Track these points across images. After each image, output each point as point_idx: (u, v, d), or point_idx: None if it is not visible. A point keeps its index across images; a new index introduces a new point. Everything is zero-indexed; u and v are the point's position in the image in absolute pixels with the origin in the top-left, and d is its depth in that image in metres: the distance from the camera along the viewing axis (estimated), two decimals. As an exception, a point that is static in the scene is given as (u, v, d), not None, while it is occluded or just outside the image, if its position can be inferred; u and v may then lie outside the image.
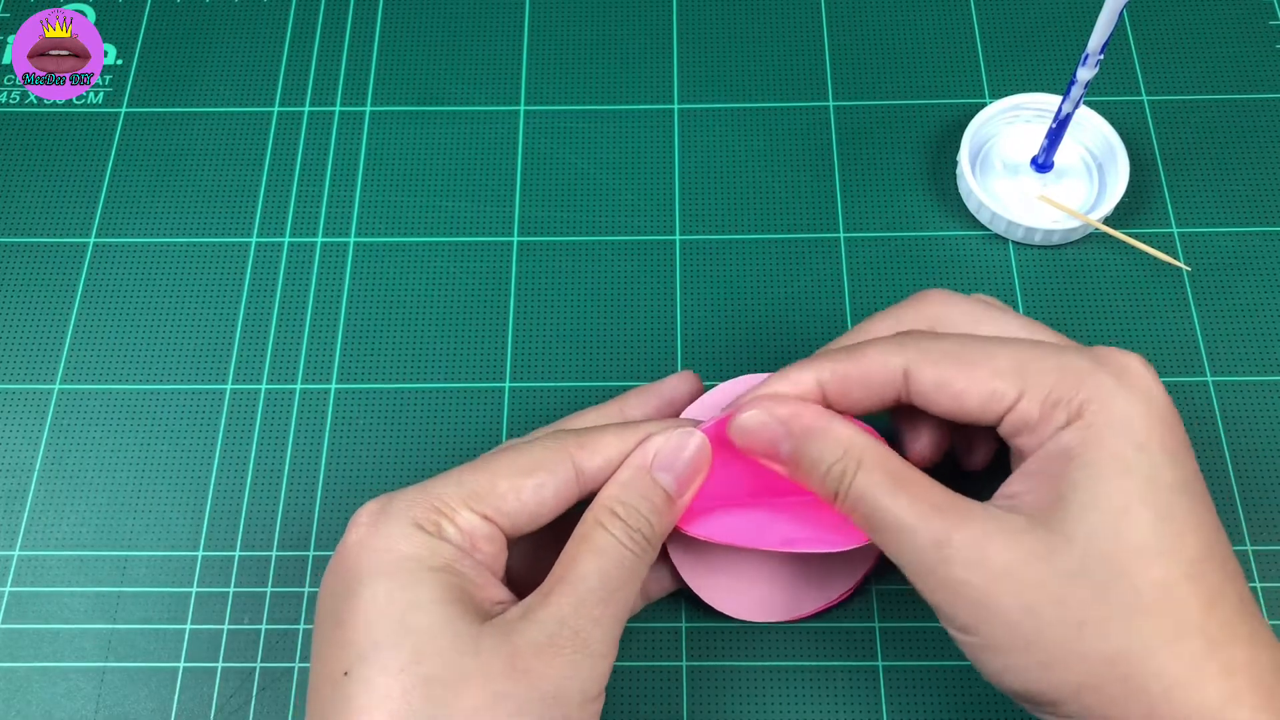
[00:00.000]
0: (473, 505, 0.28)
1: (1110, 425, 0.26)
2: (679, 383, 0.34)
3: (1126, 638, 0.24)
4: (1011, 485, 0.28)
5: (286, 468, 0.38)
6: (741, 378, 0.33)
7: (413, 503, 0.28)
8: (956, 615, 0.27)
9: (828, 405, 0.30)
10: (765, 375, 0.31)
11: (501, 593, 0.28)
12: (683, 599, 0.35)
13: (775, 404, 0.30)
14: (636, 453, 0.30)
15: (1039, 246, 0.41)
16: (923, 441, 0.33)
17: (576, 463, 0.29)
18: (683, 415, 0.33)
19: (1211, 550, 0.25)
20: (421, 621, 0.26)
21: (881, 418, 0.32)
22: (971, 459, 0.34)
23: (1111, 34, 0.34)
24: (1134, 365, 0.27)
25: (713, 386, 0.34)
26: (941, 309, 0.31)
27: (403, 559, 0.27)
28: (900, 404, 0.30)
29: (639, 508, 0.29)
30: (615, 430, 0.30)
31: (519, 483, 0.29)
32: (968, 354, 0.28)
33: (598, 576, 0.28)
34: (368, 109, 0.44)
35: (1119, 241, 0.40)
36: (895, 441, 0.35)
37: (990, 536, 0.26)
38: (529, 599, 0.27)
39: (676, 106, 0.44)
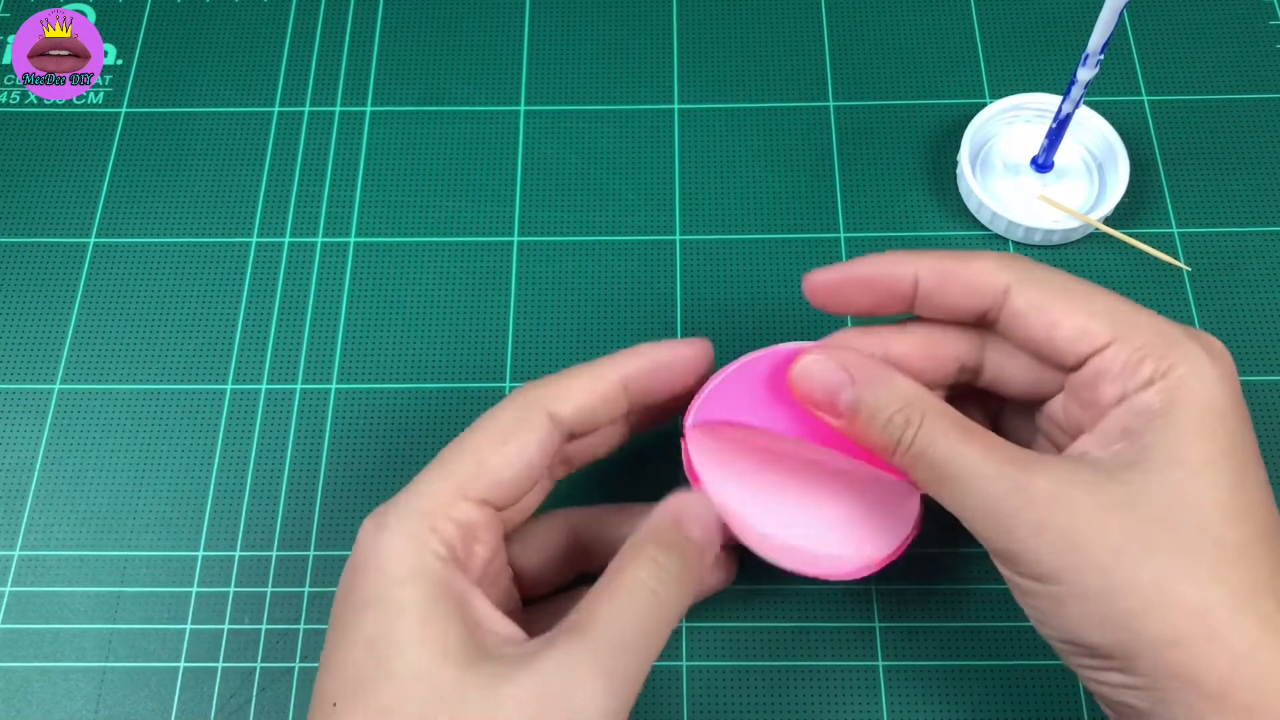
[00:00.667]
0: (466, 492, 0.28)
1: (1198, 391, 0.26)
2: (690, 358, 0.31)
3: (1213, 589, 0.24)
4: (1082, 444, 0.27)
5: (286, 468, 0.38)
6: (776, 348, 0.31)
7: (407, 514, 0.27)
8: (1041, 560, 0.25)
9: (916, 299, 0.30)
10: (802, 343, 0.31)
11: (501, 624, 0.27)
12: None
13: (838, 352, 0.29)
14: (668, 504, 0.29)
15: (1039, 246, 0.41)
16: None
17: (552, 414, 0.29)
18: (708, 390, 0.31)
19: (1276, 521, 0.26)
20: (401, 666, 0.25)
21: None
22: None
23: (1111, 34, 0.34)
24: (1219, 347, 0.27)
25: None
26: (1027, 265, 0.30)
27: (396, 585, 0.26)
28: (985, 323, 0.30)
29: (676, 546, 0.28)
30: (585, 372, 0.30)
31: (505, 450, 0.28)
32: (1070, 287, 0.28)
33: (616, 624, 0.25)
34: (368, 109, 0.44)
35: (1119, 241, 0.40)
36: None
37: (1074, 481, 0.26)
38: (534, 644, 0.26)
39: (676, 106, 0.44)
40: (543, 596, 0.33)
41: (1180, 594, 0.24)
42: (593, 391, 0.29)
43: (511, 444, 0.28)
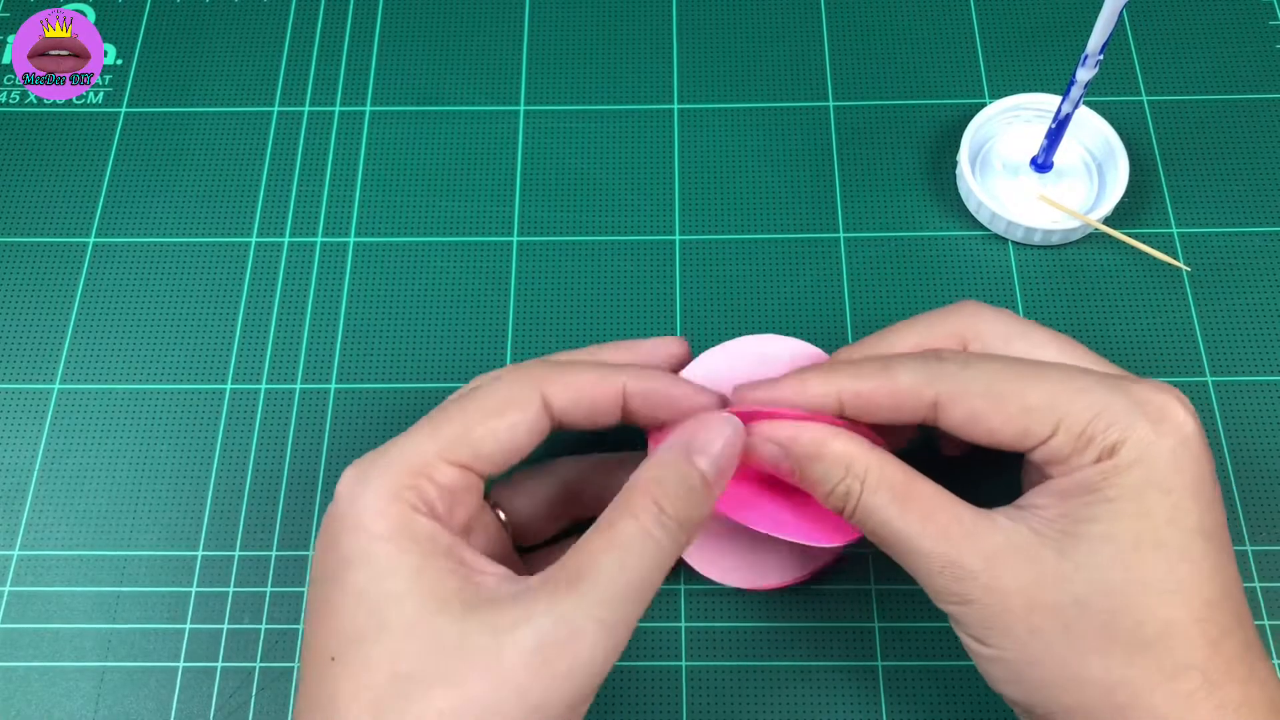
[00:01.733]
0: (449, 456, 0.27)
1: (1137, 467, 0.26)
2: (663, 345, 0.33)
3: (1126, 670, 0.25)
4: (1036, 497, 0.28)
5: (286, 468, 0.38)
6: (740, 340, 0.33)
7: (389, 468, 0.27)
8: (968, 629, 0.27)
9: (844, 416, 0.29)
10: (769, 336, 0.32)
11: (491, 570, 0.27)
12: (682, 597, 0.35)
13: (773, 428, 0.29)
14: (676, 435, 0.29)
15: (1039, 246, 0.41)
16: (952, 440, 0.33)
17: (548, 401, 0.29)
18: (688, 371, 0.33)
19: (1225, 594, 0.26)
20: (400, 617, 0.25)
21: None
22: (950, 446, 0.34)
23: (1111, 34, 0.34)
24: (1171, 406, 0.27)
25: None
26: (973, 323, 0.30)
27: (382, 541, 0.26)
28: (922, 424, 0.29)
29: (675, 491, 0.27)
30: (592, 370, 0.29)
31: (493, 424, 0.28)
32: (1000, 386, 0.27)
33: (611, 575, 0.26)
34: (368, 109, 0.44)
35: (1119, 242, 0.40)
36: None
37: (1001, 557, 0.26)
38: (532, 584, 0.26)
39: (676, 106, 0.44)
40: (535, 546, 0.33)
41: (1091, 674, 0.25)
42: (594, 392, 0.29)
43: (501, 421, 0.28)
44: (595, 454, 0.34)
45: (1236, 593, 0.26)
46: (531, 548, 0.33)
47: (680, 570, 0.35)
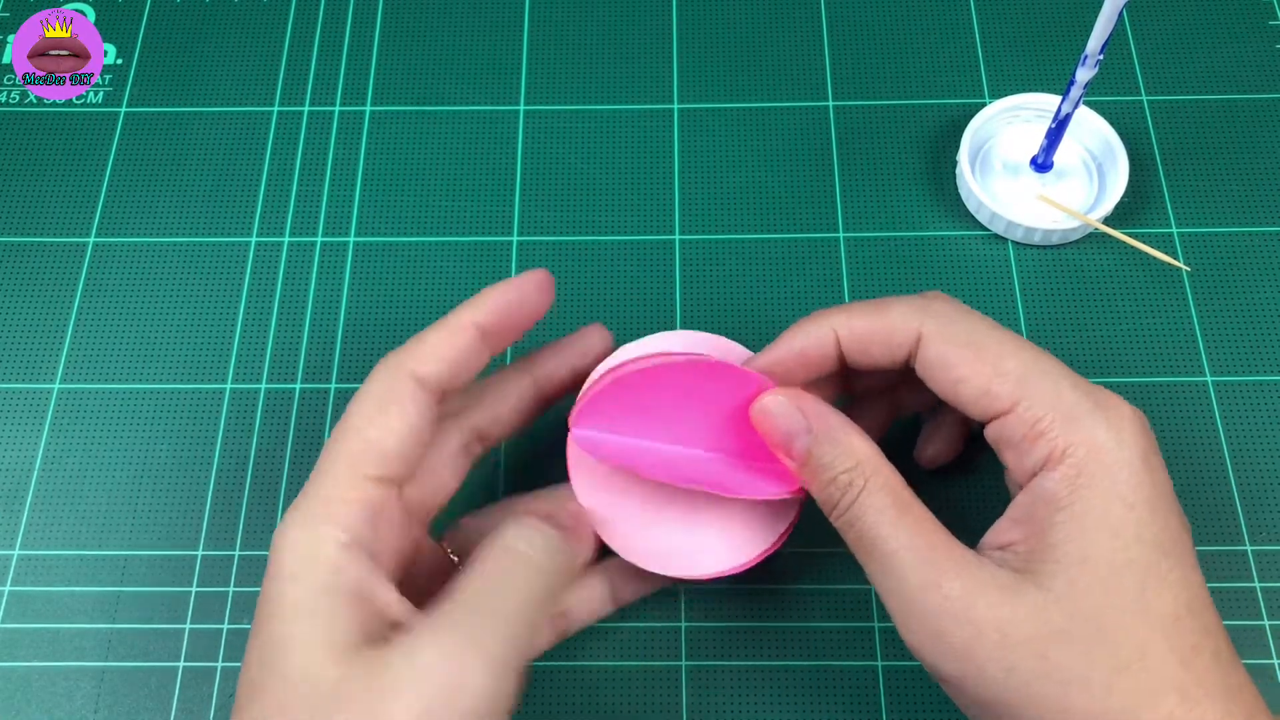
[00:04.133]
0: (359, 472, 0.27)
1: (1099, 477, 0.26)
2: (590, 335, 0.33)
3: (1108, 698, 0.25)
4: (1003, 534, 0.27)
5: (286, 467, 0.38)
6: (660, 335, 0.33)
7: (304, 501, 0.27)
8: (940, 666, 0.27)
9: (841, 357, 0.30)
10: (685, 333, 0.32)
11: (395, 603, 0.26)
12: (681, 597, 0.35)
13: (802, 397, 0.29)
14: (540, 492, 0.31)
15: (1039, 246, 0.41)
16: (936, 446, 0.34)
17: (416, 375, 0.28)
18: (598, 371, 0.33)
19: (1190, 608, 0.25)
20: (288, 667, 0.25)
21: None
22: (926, 453, 0.34)
23: (1111, 34, 0.34)
24: (1129, 418, 0.27)
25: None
26: (944, 312, 0.30)
27: (285, 584, 0.26)
28: (904, 371, 0.30)
29: (553, 528, 0.28)
30: (437, 327, 0.29)
31: (380, 422, 0.28)
32: (981, 342, 0.28)
33: (496, 594, 0.26)
34: (368, 109, 0.44)
35: (1119, 241, 0.40)
36: (916, 438, 0.35)
37: (980, 591, 0.26)
38: (418, 628, 0.25)
39: (676, 106, 0.44)
40: None
41: (1076, 705, 0.25)
42: (449, 344, 0.29)
43: (387, 414, 0.28)
44: (543, 490, 0.33)
45: (1202, 604, 0.26)
46: None
47: (681, 607, 0.35)
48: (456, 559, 0.31)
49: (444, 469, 0.31)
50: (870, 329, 0.29)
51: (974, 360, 0.28)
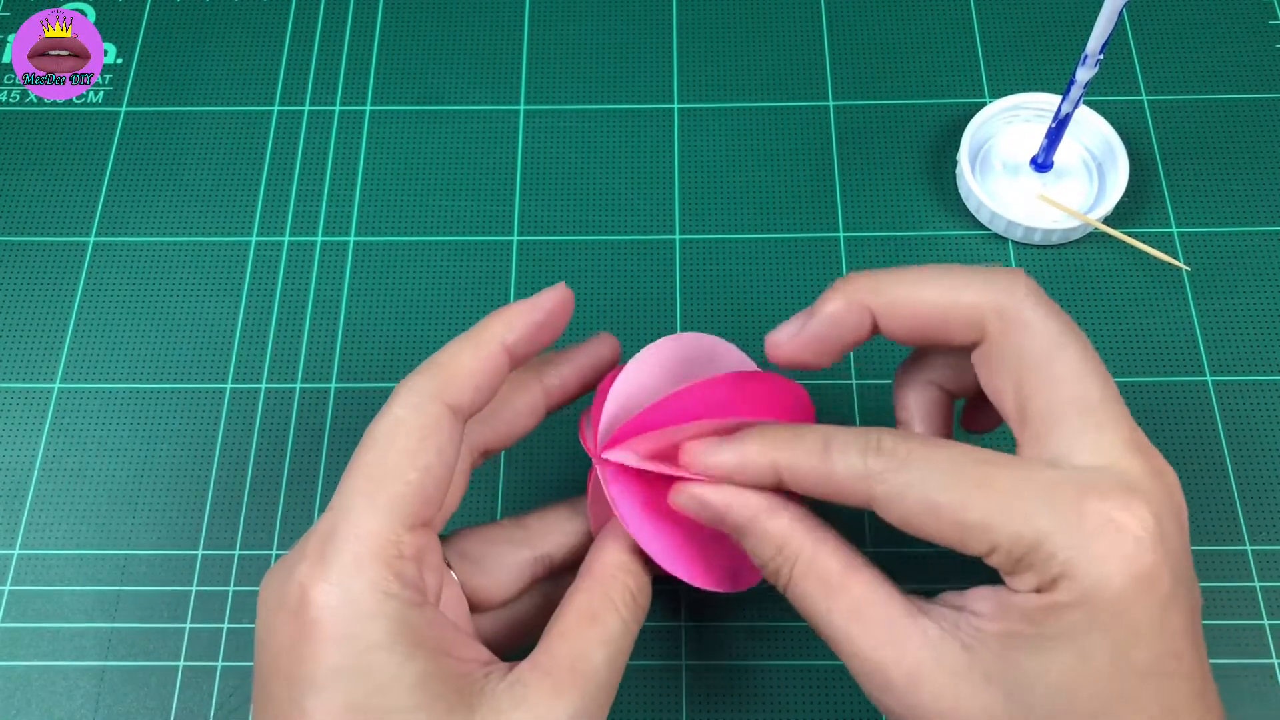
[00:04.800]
0: (404, 520, 0.25)
1: (1080, 608, 0.23)
2: (601, 345, 0.32)
3: None
4: (980, 601, 0.25)
5: (286, 466, 0.38)
6: (674, 338, 0.31)
7: (360, 558, 0.24)
8: None
9: (874, 326, 0.28)
10: (704, 337, 0.31)
11: (475, 650, 0.26)
12: (682, 597, 0.35)
13: (709, 492, 0.28)
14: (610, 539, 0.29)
15: (1039, 246, 0.41)
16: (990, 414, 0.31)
17: (449, 405, 0.27)
18: (614, 390, 0.30)
19: (1164, 713, 0.24)
20: None
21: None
22: (979, 422, 0.32)
23: (1111, 34, 0.34)
24: (1127, 531, 0.23)
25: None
26: (1007, 311, 0.27)
27: (374, 649, 0.24)
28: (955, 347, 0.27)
29: (646, 584, 0.28)
30: (466, 349, 0.28)
31: (421, 464, 0.26)
32: (936, 498, 0.25)
33: (606, 669, 0.25)
34: (368, 108, 0.44)
35: (1119, 241, 0.40)
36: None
37: (923, 674, 0.25)
38: (524, 677, 0.25)
39: (676, 106, 0.44)
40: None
41: None
42: (482, 369, 0.28)
43: (425, 454, 0.26)
44: (549, 508, 0.32)
45: (1180, 705, 0.24)
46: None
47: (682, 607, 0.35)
48: (456, 575, 0.30)
49: (454, 491, 0.29)
50: (812, 474, 0.26)
51: (934, 520, 0.25)
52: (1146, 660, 0.24)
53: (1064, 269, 0.40)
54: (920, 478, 0.25)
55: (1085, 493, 0.24)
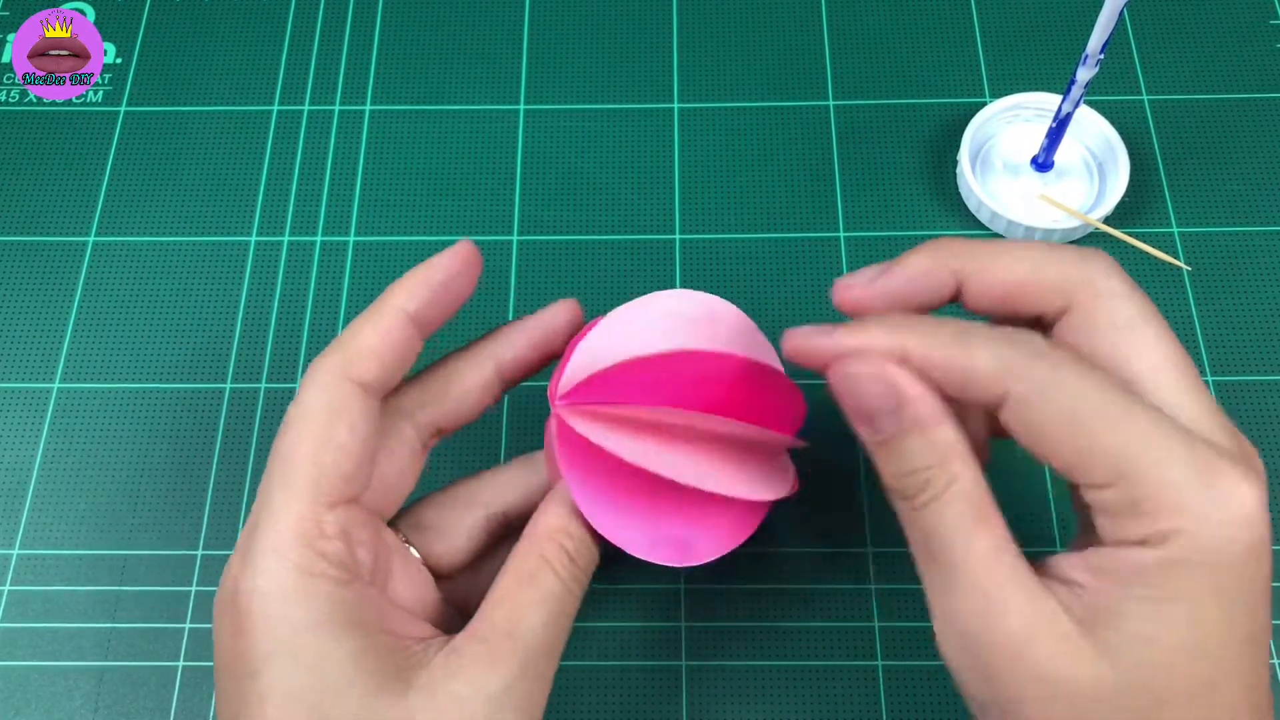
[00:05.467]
0: (323, 501, 0.25)
1: (1196, 570, 0.23)
2: (558, 312, 0.31)
3: None
4: (1073, 569, 0.25)
5: (286, 467, 0.37)
6: (672, 293, 0.30)
7: (278, 542, 0.25)
8: (973, 690, 0.25)
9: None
10: (704, 295, 0.29)
11: (416, 626, 0.26)
12: (682, 597, 0.35)
13: (897, 371, 0.25)
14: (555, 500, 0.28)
15: (1039, 246, 0.41)
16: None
17: (357, 381, 0.26)
18: (585, 342, 0.29)
19: (1249, 691, 0.24)
20: (340, 709, 0.24)
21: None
22: None
23: (1111, 34, 0.34)
24: (1248, 497, 0.23)
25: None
26: (1093, 285, 0.27)
27: (303, 630, 0.24)
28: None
29: (588, 542, 0.27)
30: (366, 323, 0.27)
31: (333, 443, 0.26)
32: (1080, 411, 0.24)
33: (544, 630, 0.25)
34: (367, 108, 0.44)
35: (1119, 241, 0.40)
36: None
37: (1038, 636, 0.24)
38: (459, 645, 0.25)
39: (676, 106, 0.44)
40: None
41: None
42: (384, 339, 0.27)
43: (337, 433, 0.26)
44: (501, 466, 0.32)
45: (1262, 685, 0.24)
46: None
47: (681, 571, 0.35)
48: (417, 553, 0.30)
49: (402, 471, 0.29)
50: (949, 368, 0.25)
51: (1068, 436, 0.24)
52: (1250, 630, 0.24)
53: (1064, 269, 0.40)
54: (1066, 385, 0.24)
55: (1221, 460, 0.23)
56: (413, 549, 0.29)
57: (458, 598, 0.30)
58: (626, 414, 0.28)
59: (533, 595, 0.26)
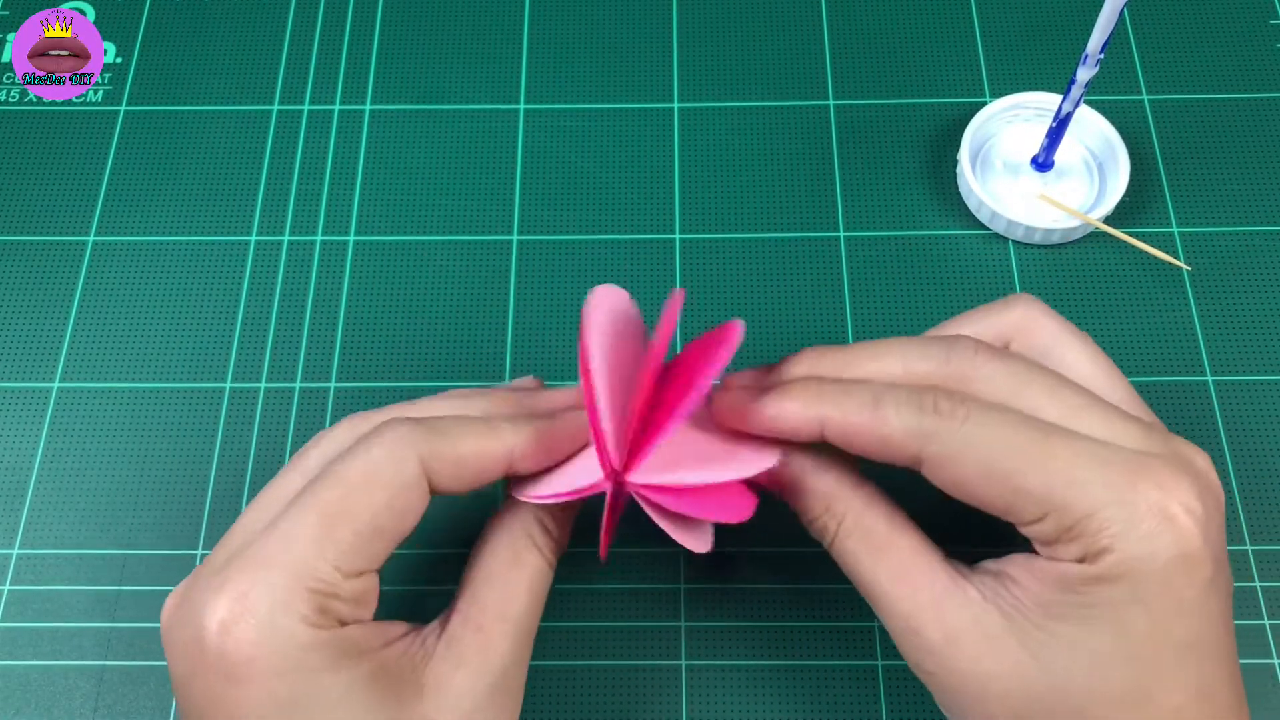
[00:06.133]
0: (346, 569, 0.24)
1: (1123, 582, 0.24)
2: (527, 383, 0.31)
3: None
4: (1011, 566, 0.26)
5: (286, 467, 0.37)
6: (596, 301, 0.28)
7: (291, 597, 0.23)
8: (933, 693, 0.27)
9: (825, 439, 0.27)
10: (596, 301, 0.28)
11: (396, 627, 0.26)
12: (681, 597, 0.35)
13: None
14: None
15: (1039, 246, 0.41)
16: None
17: (429, 473, 0.25)
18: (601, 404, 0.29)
19: (1201, 694, 0.24)
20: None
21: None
22: None
23: (1111, 34, 0.34)
24: (1175, 508, 0.24)
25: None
26: (1024, 322, 0.28)
27: (319, 673, 0.23)
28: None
29: (562, 521, 0.28)
30: (472, 432, 0.26)
31: (381, 523, 0.25)
32: (995, 463, 0.24)
33: (531, 611, 0.26)
34: (367, 108, 0.44)
35: (1119, 241, 0.40)
36: None
37: (962, 638, 0.25)
38: (459, 634, 0.25)
39: (676, 106, 0.44)
40: None
41: None
42: (478, 459, 0.26)
43: (390, 514, 0.25)
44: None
45: (1217, 689, 0.24)
46: None
47: (681, 570, 0.35)
48: None
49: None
50: (864, 434, 0.26)
51: (989, 485, 0.25)
52: (1185, 638, 0.24)
53: (1064, 269, 0.40)
54: (979, 440, 0.25)
55: (1138, 472, 0.24)
56: None
57: None
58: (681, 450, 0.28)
59: (520, 576, 0.26)
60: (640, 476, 0.26)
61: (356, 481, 0.25)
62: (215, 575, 0.24)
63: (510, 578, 0.27)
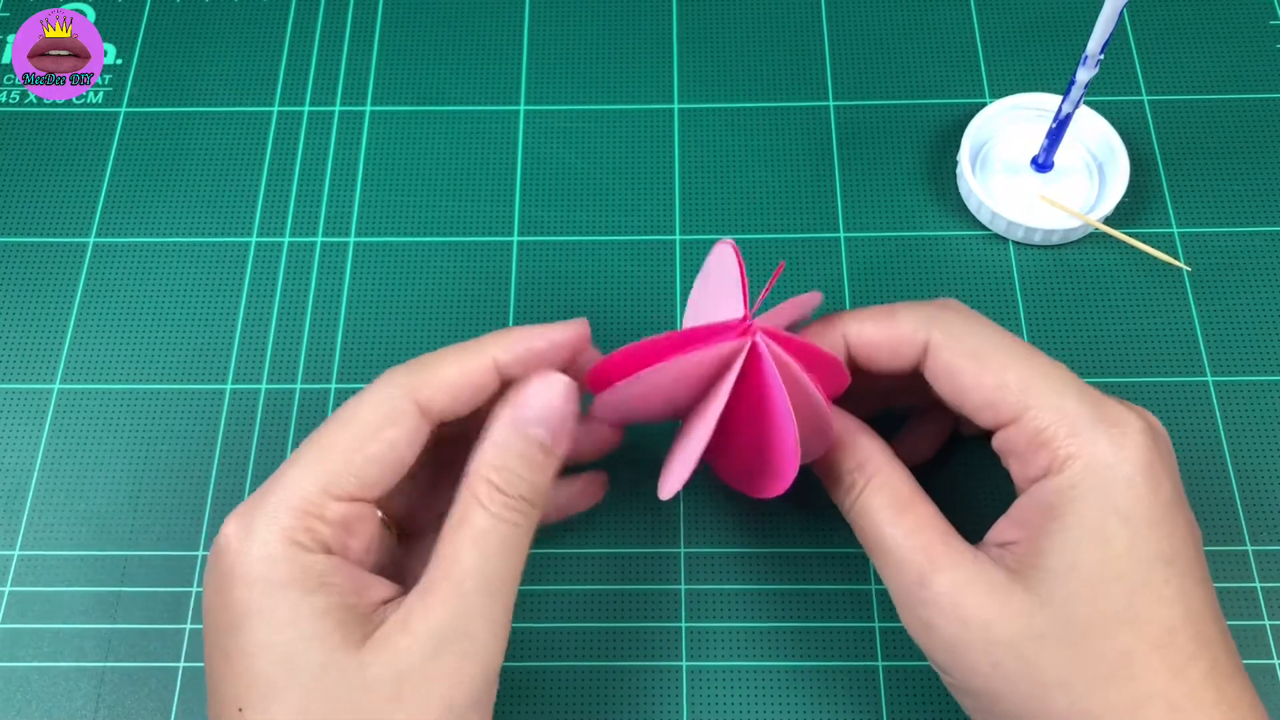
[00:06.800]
0: (335, 491, 0.27)
1: (1094, 490, 0.26)
2: (559, 332, 0.30)
3: (1089, 703, 0.25)
4: (1003, 532, 0.28)
5: (286, 467, 0.38)
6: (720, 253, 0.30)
7: (275, 514, 0.26)
8: (932, 654, 0.28)
9: (851, 359, 0.30)
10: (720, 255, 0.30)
11: (383, 589, 0.27)
12: (681, 597, 0.35)
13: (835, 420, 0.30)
14: (505, 409, 0.28)
15: (1039, 246, 0.41)
16: (913, 445, 0.35)
17: (420, 403, 0.28)
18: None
19: (1189, 618, 0.26)
20: (306, 660, 0.25)
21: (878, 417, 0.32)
22: (900, 450, 0.33)
23: (1111, 34, 0.34)
24: (1133, 427, 0.27)
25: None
26: (953, 322, 0.30)
27: (280, 588, 0.25)
28: (915, 372, 0.30)
29: (518, 471, 0.27)
30: (454, 355, 0.28)
31: (369, 449, 0.27)
32: (987, 354, 0.28)
33: (480, 568, 0.26)
34: (368, 109, 0.44)
35: (1119, 241, 0.40)
36: (898, 434, 0.35)
37: (969, 586, 0.27)
38: (410, 600, 0.26)
39: (676, 106, 0.44)
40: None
41: (1055, 707, 0.25)
42: (463, 376, 0.28)
43: (378, 440, 0.27)
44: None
45: (1203, 615, 0.26)
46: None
47: (681, 570, 0.35)
48: (381, 515, 0.30)
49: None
50: (879, 337, 0.30)
51: (979, 372, 0.28)
52: (1163, 552, 0.26)
53: (1064, 269, 0.40)
54: (975, 331, 0.29)
55: (1103, 401, 0.27)
56: (380, 513, 0.29)
57: (398, 510, 0.31)
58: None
59: (465, 535, 0.27)
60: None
61: (348, 416, 0.28)
62: (241, 505, 0.27)
63: (455, 538, 0.27)
